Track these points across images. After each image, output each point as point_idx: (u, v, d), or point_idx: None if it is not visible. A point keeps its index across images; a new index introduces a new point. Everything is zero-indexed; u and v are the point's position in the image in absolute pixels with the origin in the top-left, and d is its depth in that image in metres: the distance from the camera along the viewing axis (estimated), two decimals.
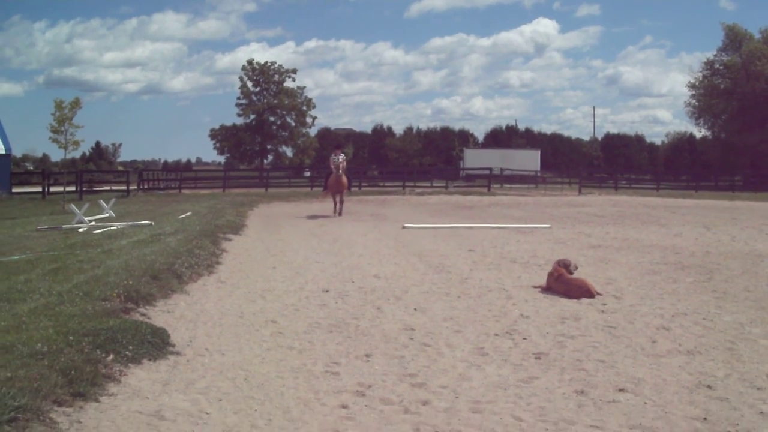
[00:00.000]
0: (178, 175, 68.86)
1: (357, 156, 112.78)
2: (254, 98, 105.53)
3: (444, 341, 10.01)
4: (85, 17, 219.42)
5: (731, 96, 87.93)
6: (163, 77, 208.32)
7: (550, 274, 13.80)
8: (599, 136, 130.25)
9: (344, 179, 32.92)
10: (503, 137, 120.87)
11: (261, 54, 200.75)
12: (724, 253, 18.81)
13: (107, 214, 28.79)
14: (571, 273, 13.83)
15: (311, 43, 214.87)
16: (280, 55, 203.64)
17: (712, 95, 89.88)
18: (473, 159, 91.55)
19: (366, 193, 52.40)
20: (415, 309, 12.08)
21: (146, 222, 25.22)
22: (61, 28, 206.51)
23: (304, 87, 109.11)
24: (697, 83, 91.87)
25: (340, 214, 32.86)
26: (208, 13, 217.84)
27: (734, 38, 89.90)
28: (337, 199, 33.58)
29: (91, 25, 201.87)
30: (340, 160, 33.15)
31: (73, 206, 28.11)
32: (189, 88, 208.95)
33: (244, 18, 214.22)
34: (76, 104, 37.76)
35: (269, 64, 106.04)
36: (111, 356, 8.27)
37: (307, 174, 78.74)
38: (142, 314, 10.98)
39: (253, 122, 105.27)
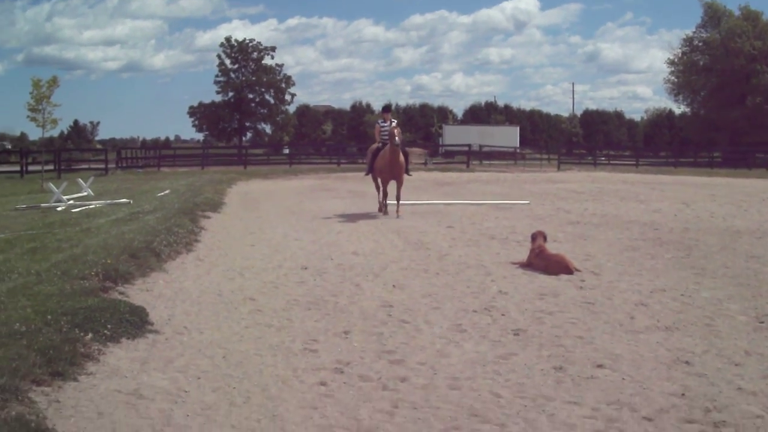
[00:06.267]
0: (157, 153, 68.34)
1: (336, 133, 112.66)
2: (232, 75, 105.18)
3: (422, 318, 10.02)
4: None
5: (710, 72, 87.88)
6: (143, 55, 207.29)
7: (532, 250, 13.84)
8: (578, 113, 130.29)
9: (401, 157, 22.63)
10: (482, 114, 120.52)
11: (242, 31, 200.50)
12: (703, 230, 18.87)
13: (86, 193, 28.61)
14: (545, 240, 13.95)
15: (293, 21, 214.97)
16: (262, 32, 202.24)
17: (691, 72, 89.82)
18: (452, 135, 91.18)
19: (345, 170, 52.30)
20: (393, 286, 12.11)
21: (125, 200, 25.12)
22: (41, 7, 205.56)
23: (283, 64, 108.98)
24: (676, 60, 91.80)
25: (395, 211, 22.66)
26: None
27: (713, 15, 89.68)
28: (394, 187, 23.02)
29: (72, 3, 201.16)
30: (393, 126, 22.79)
31: (51, 185, 27.98)
32: (169, 65, 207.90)
33: None
34: (53, 83, 37.51)
35: (247, 41, 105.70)
36: (89, 335, 8.25)
37: (286, 151, 78.45)
38: (121, 293, 10.95)
39: (232, 99, 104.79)
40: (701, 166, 64.52)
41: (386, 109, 25.03)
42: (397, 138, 22.17)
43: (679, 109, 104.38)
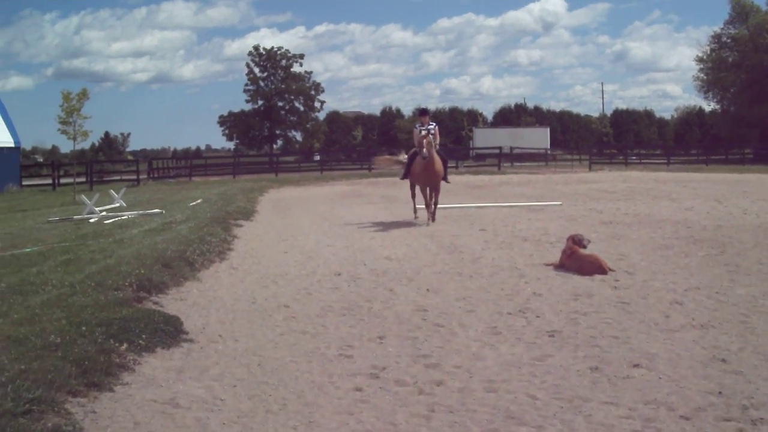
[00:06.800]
0: (188, 163, 68.75)
1: (366, 138, 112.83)
2: (261, 84, 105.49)
3: (457, 321, 10.00)
4: (94, 8, 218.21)
5: (739, 69, 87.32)
6: (172, 66, 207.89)
7: (564, 252, 13.79)
8: (608, 113, 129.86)
9: (438, 164, 21.47)
10: (512, 116, 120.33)
11: (271, 40, 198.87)
12: (736, 227, 18.74)
13: (118, 204, 28.81)
14: (585, 247, 13.85)
15: (321, 28, 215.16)
16: (290, 40, 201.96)
17: (720, 69, 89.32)
18: (483, 138, 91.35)
19: (376, 174, 52.31)
20: (427, 290, 12.09)
21: (157, 210, 25.25)
22: (70, 20, 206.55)
23: (311, 72, 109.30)
24: (705, 57, 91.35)
25: (432, 219, 21.60)
26: (216, 0, 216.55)
27: (741, 11, 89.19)
28: (427, 194, 21.76)
29: (100, 16, 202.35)
30: (431, 130, 21.51)
31: (83, 197, 28.16)
32: (198, 75, 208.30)
33: (253, 4, 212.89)
34: (83, 95, 37.70)
35: (276, 49, 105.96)
36: (124, 345, 8.29)
37: (317, 158, 78.59)
38: (155, 303, 11.00)
39: (262, 108, 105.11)
40: (733, 163, 64.28)
41: (423, 112, 23.09)
42: (425, 150, 20.64)
43: (709, 106, 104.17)
